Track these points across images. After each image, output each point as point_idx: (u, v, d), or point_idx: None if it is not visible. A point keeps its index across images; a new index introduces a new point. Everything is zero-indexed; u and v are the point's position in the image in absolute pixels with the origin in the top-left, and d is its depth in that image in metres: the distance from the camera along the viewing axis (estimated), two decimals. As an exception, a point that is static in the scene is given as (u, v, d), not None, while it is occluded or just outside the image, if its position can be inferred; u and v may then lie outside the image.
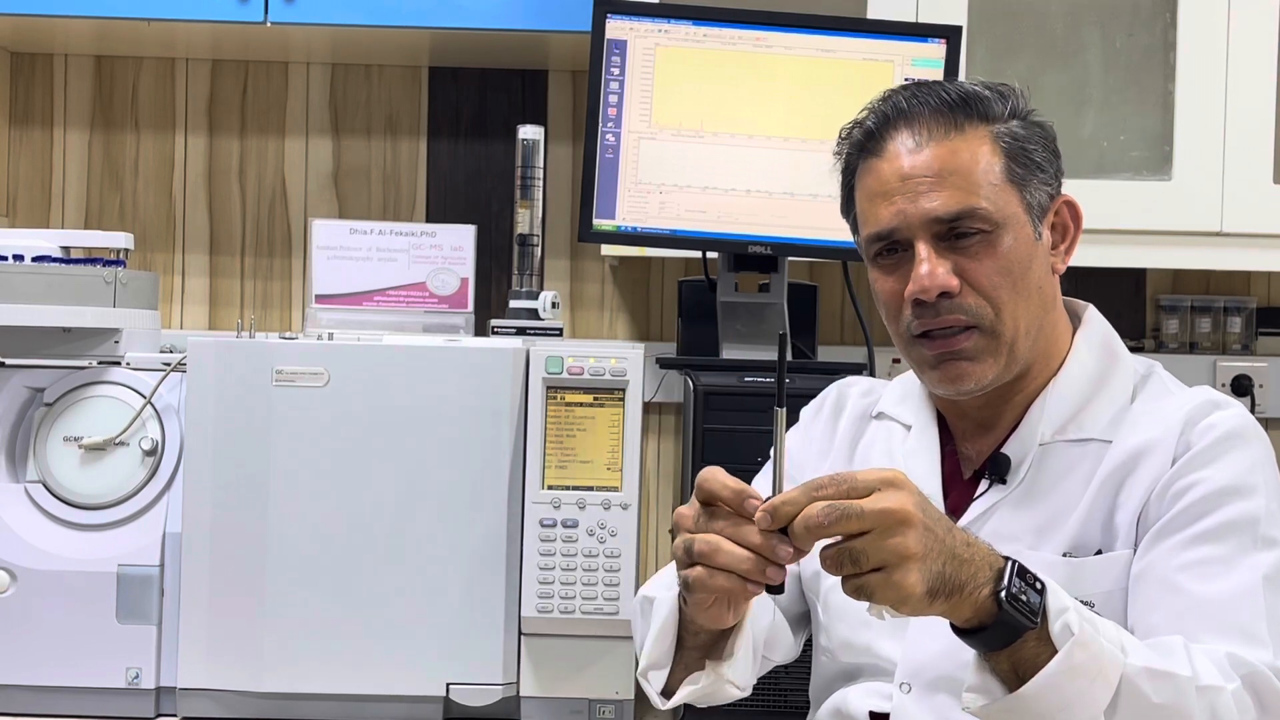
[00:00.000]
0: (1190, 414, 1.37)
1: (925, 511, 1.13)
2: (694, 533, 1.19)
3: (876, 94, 1.45)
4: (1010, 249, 1.37)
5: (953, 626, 1.19)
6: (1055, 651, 1.15)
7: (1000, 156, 1.39)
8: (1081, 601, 1.23)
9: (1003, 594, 1.14)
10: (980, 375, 1.38)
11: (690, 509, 1.21)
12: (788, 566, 1.53)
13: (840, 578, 1.13)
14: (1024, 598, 1.15)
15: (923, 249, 1.37)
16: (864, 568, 1.11)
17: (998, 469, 1.42)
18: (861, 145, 1.43)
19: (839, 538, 1.12)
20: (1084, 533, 1.37)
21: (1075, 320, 1.48)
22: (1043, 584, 1.17)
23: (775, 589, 1.19)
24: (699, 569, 1.19)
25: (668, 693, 1.38)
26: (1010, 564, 1.16)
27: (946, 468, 1.48)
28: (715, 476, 1.19)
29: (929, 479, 1.45)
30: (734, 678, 1.35)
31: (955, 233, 1.37)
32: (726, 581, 1.18)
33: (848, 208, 1.48)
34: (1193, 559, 1.30)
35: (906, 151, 1.39)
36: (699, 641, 1.36)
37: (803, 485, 1.13)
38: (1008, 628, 1.15)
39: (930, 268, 1.36)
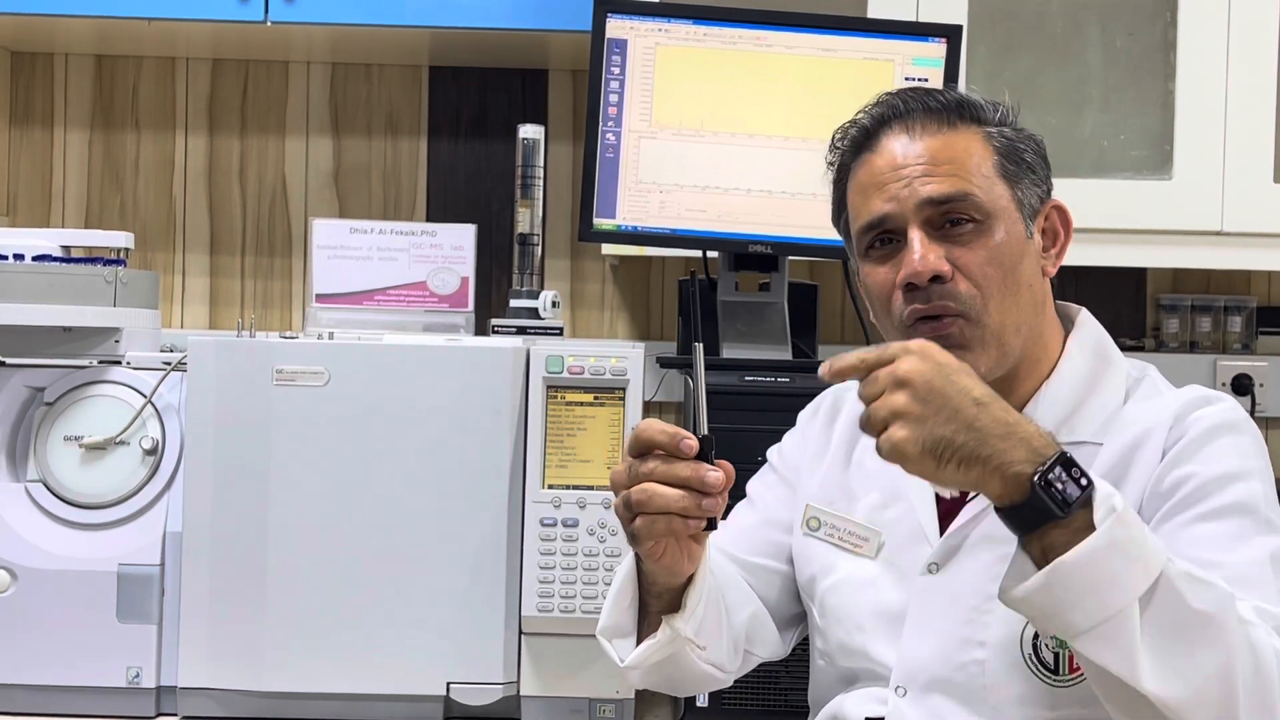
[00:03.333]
0: (1180, 409, 1.38)
1: (939, 377, 1.17)
2: (629, 486, 1.27)
3: (871, 98, 1.46)
4: (1002, 242, 1.37)
5: (995, 508, 1.20)
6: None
7: (993, 153, 1.40)
8: None
9: (1036, 477, 1.15)
10: (971, 365, 1.38)
11: (623, 466, 1.29)
12: (780, 568, 1.55)
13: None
14: (1060, 486, 1.15)
15: (916, 233, 1.37)
16: (876, 428, 1.19)
17: None
18: (857, 143, 1.44)
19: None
20: None
21: (1068, 324, 1.48)
22: (1090, 480, 1.17)
23: (713, 524, 1.29)
24: (640, 519, 1.27)
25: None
26: (1059, 454, 1.17)
27: None
28: (652, 425, 1.29)
29: (920, 483, 1.45)
30: (689, 632, 1.37)
31: (948, 218, 1.37)
32: (667, 524, 1.27)
33: (839, 211, 1.49)
34: (1200, 535, 1.30)
35: (900, 144, 1.40)
36: (662, 604, 1.39)
37: (857, 351, 1.21)
38: (1036, 510, 1.16)
39: (923, 251, 1.36)
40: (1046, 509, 1.15)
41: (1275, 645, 1.20)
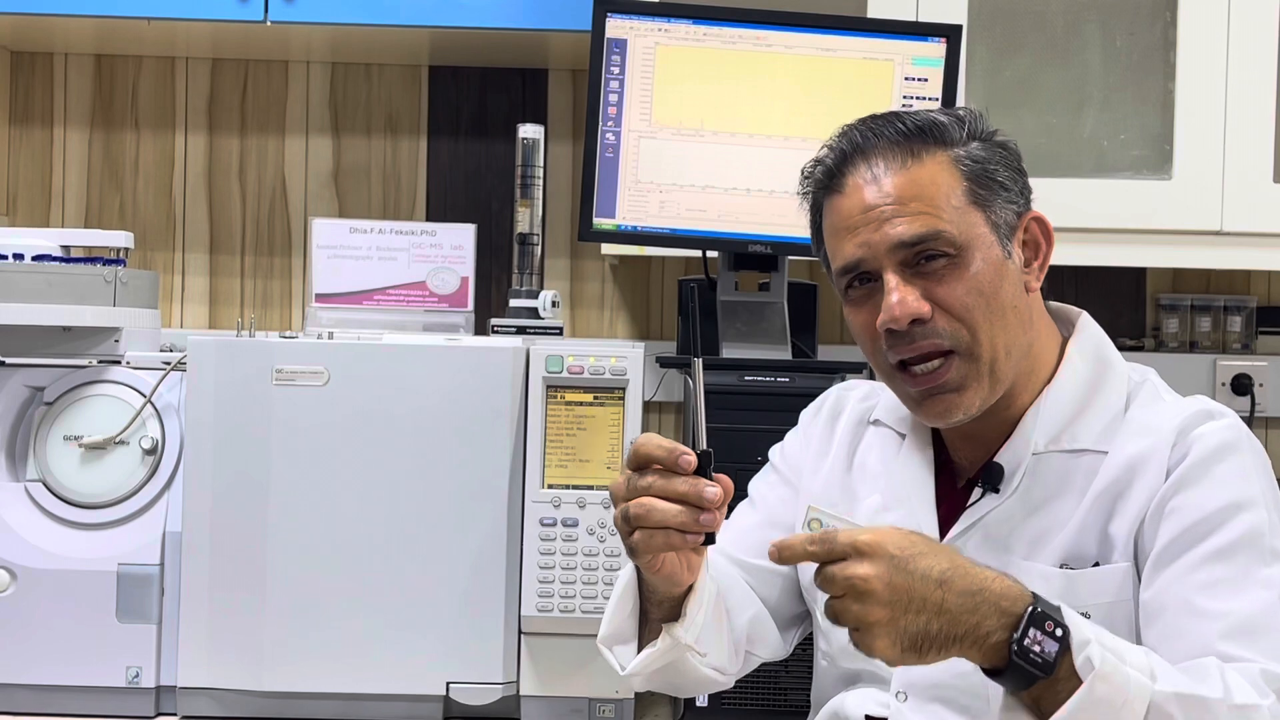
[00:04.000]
0: (1182, 425, 1.36)
1: (898, 574, 1.16)
2: (627, 499, 1.27)
3: (835, 130, 1.45)
4: (979, 271, 1.36)
5: (981, 668, 1.20)
6: (1078, 686, 1.16)
7: (961, 179, 1.38)
8: (1079, 613, 1.23)
9: (1014, 646, 1.16)
10: (967, 404, 1.38)
11: (622, 478, 1.29)
12: (783, 570, 1.55)
13: None
14: (1038, 648, 1.16)
15: (891, 278, 1.36)
16: (845, 625, 1.18)
17: (991, 478, 1.41)
18: (824, 184, 1.44)
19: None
20: (1080, 544, 1.37)
21: (1067, 327, 1.47)
22: (1065, 628, 1.17)
23: (711, 538, 1.29)
24: (638, 533, 1.27)
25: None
26: (1029, 611, 1.17)
27: (940, 476, 1.47)
28: (650, 439, 1.29)
29: (921, 487, 1.45)
30: (690, 640, 1.38)
31: (921, 257, 1.36)
32: (665, 538, 1.27)
33: (818, 245, 1.48)
34: (1206, 580, 1.29)
35: (866, 184, 1.38)
36: (663, 612, 1.39)
37: (803, 535, 1.21)
38: (1020, 675, 1.17)
39: (900, 296, 1.35)
40: (1030, 674, 1.17)
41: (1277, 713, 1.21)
